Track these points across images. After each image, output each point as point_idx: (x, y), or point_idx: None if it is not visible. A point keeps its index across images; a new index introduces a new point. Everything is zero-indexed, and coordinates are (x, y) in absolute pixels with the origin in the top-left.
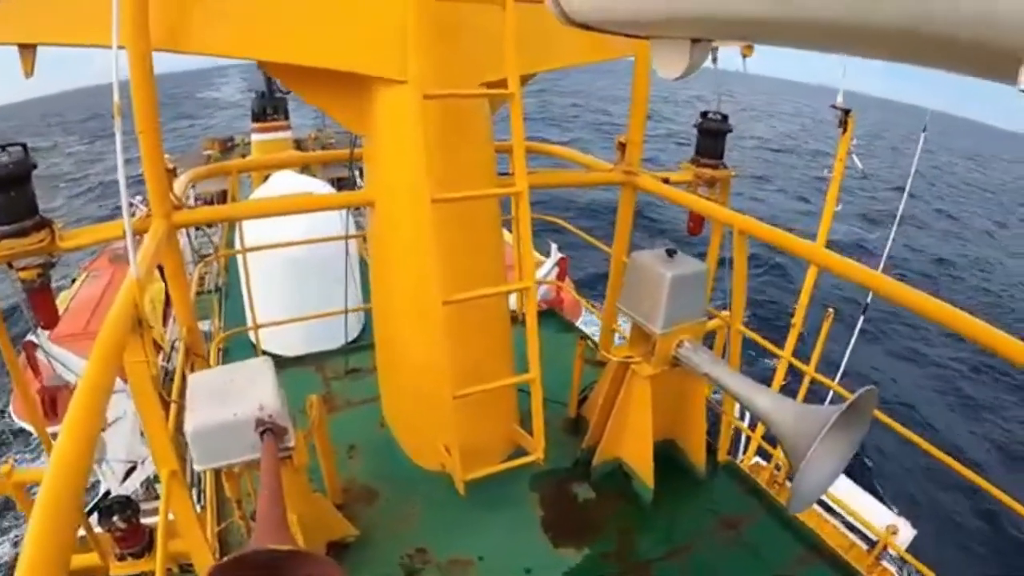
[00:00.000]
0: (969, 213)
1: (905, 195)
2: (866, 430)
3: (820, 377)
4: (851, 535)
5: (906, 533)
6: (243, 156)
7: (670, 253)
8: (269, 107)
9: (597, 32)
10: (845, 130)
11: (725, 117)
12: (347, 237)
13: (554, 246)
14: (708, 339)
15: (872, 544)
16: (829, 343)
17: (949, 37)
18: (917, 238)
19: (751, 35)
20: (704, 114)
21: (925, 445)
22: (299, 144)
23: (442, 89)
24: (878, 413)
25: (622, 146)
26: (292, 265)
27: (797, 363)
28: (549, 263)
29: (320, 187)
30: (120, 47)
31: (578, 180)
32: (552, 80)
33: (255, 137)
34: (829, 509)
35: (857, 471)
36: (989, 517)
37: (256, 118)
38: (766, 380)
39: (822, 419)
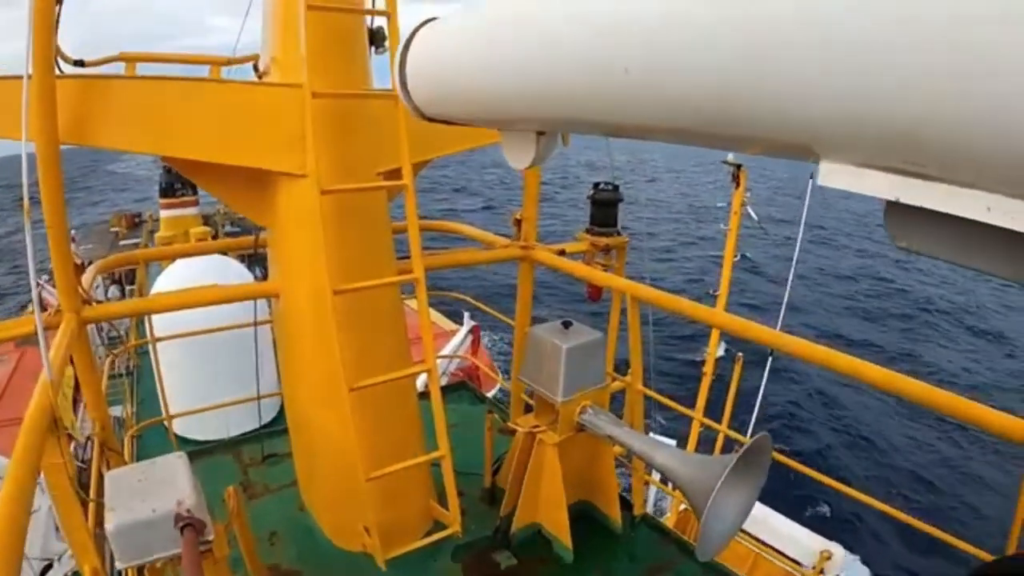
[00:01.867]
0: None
1: (798, 244)
2: (765, 473)
3: (724, 429)
4: (787, 566)
5: (841, 557)
6: (151, 232)
7: (566, 325)
8: (177, 182)
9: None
10: (738, 185)
11: (616, 187)
12: (256, 324)
13: (467, 315)
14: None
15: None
16: (755, 381)
17: (752, 137)
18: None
19: (585, 131)
20: (596, 185)
21: (828, 481)
22: (208, 220)
23: (340, 183)
24: (778, 456)
25: (518, 222)
26: (204, 347)
27: (707, 421)
28: (462, 332)
29: (230, 266)
30: (28, 141)
31: (476, 258)
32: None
33: (163, 213)
34: (764, 543)
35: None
36: (910, 541)
37: (164, 193)
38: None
39: (718, 470)
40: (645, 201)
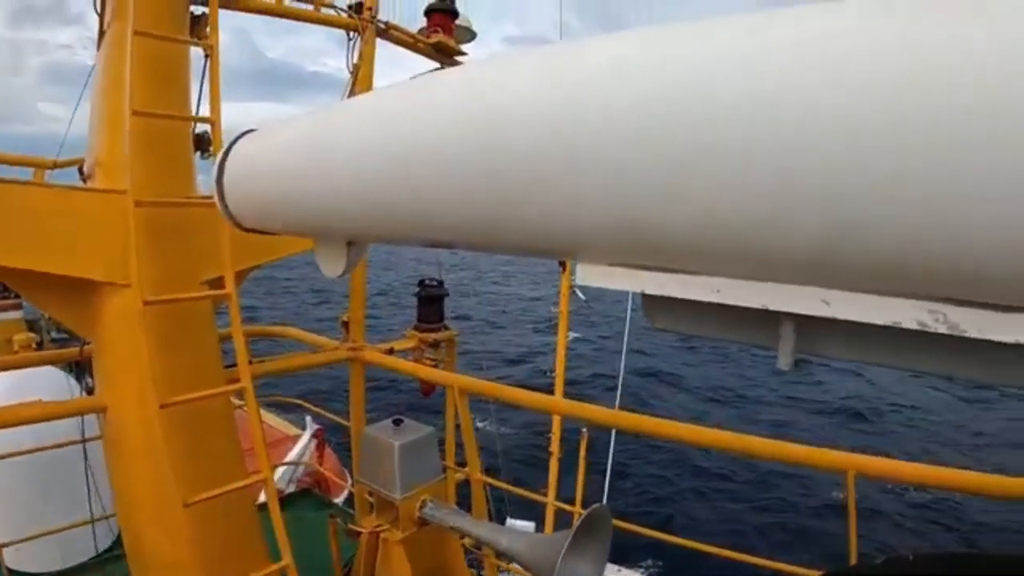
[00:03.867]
0: None
1: (627, 321)
2: (608, 541)
3: (577, 509)
4: None
5: None
6: None
7: (396, 422)
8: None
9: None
10: (564, 268)
11: (441, 283)
12: (84, 441)
13: (308, 418)
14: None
15: None
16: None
17: (520, 246)
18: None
19: (389, 243)
20: (421, 282)
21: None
22: (32, 325)
23: (164, 292)
24: (621, 523)
25: (345, 324)
26: (33, 468)
27: (553, 503)
28: (305, 436)
29: (50, 377)
30: None
31: (305, 362)
32: None
33: None
34: None
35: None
36: None
37: None
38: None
39: (557, 546)
40: (477, 292)
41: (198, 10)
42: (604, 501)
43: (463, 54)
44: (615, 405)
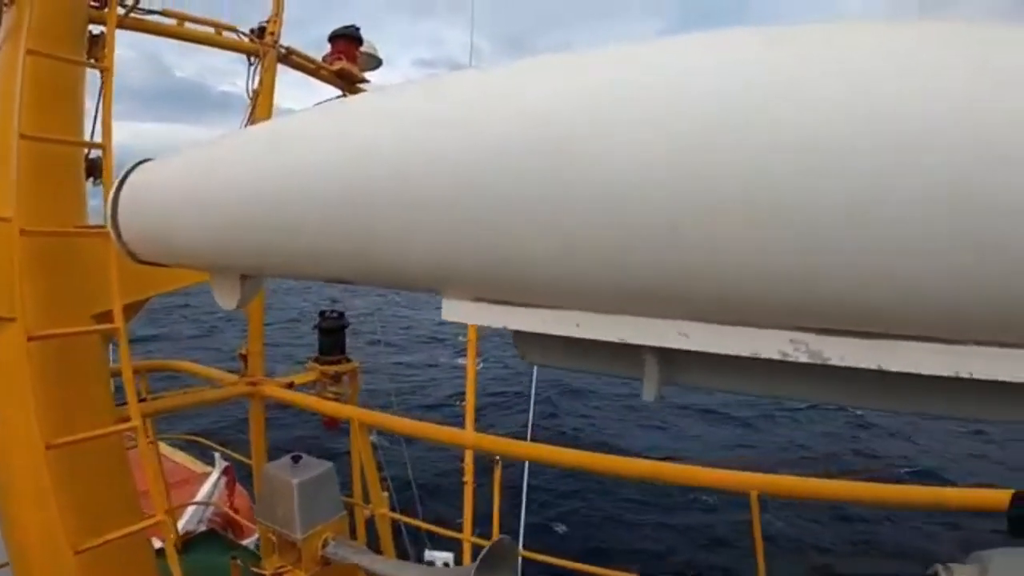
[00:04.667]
0: None
1: None
2: (515, 573)
3: (478, 541)
4: None
5: None
6: None
7: (295, 459)
8: None
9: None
10: None
11: (341, 314)
12: None
13: (217, 455)
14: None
15: None
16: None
17: (390, 280)
18: None
19: (273, 276)
20: (322, 313)
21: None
22: None
23: (51, 327)
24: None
25: (244, 357)
26: None
27: (460, 536)
28: (214, 475)
29: None
30: None
31: (202, 399)
32: None
33: None
34: None
35: None
36: None
37: None
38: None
39: None
40: (388, 318)
41: (97, 29)
42: (521, 528)
43: (366, 81)
44: (529, 424)
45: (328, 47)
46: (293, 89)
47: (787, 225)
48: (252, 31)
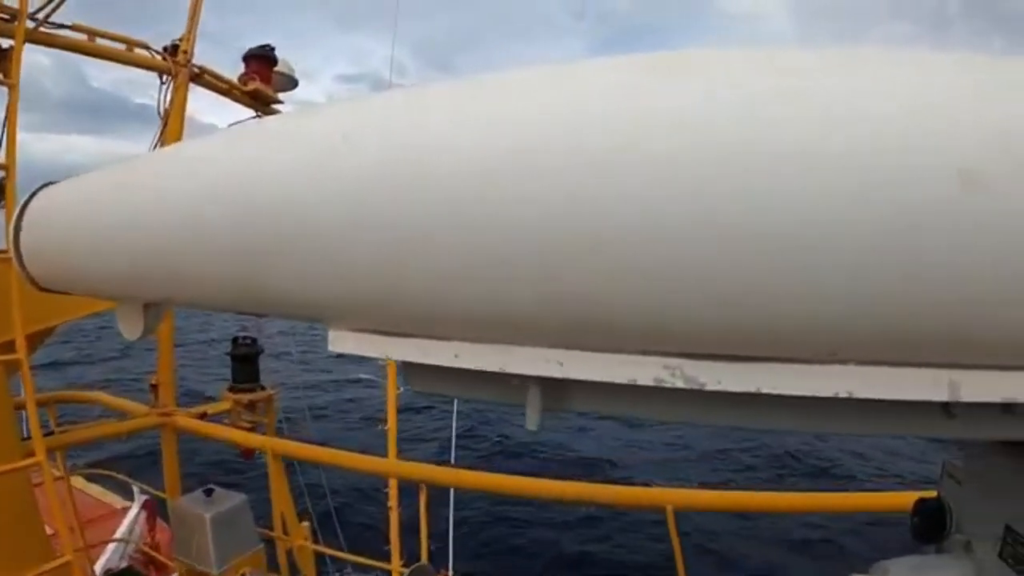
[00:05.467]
0: None
1: None
2: None
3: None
4: None
5: None
6: None
7: (208, 492)
8: None
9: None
10: None
11: (255, 340)
12: None
13: (136, 489)
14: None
15: None
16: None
17: (279, 310)
18: None
19: (173, 306)
20: (235, 340)
21: None
22: None
23: None
24: None
25: (154, 387)
26: None
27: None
28: (134, 510)
29: None
30: None
31: (112, 431)
32: None
33: None
34: None
35: None
36: None
37: None
38: None
39: None
40: (299, 338)
41: (5, 43)
42: (451, 551)
43: (279, 102)
44: (452, 446)
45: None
46: (217, 106)
47: (653, 253)
48: (165, 48)
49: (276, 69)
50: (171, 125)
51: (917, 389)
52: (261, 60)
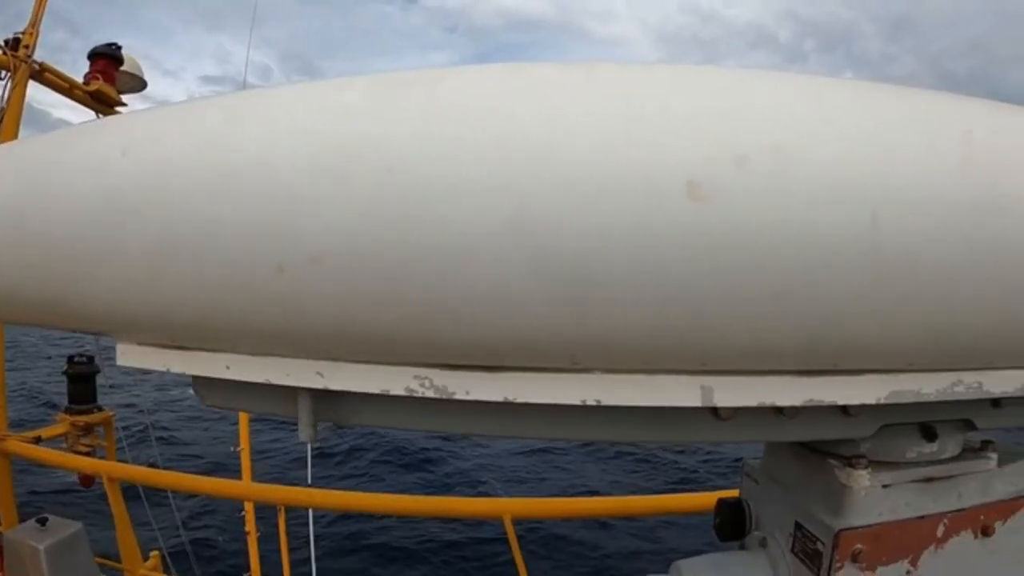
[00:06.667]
0: None
1: None
2: None
3: None
4: None
5: None
6: None
7: (41, 522)
8: None
9: None
10: None
11: (91, 359)
12: None
13: None
14: None
15: None
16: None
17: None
18: None
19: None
20: (71, 359)
21: None
22: None
23: None
24: None
25: None
26: None
27: None
28: None
29: None
30: None
31: None
32: None
33: None
34: None
35: None
36: None
37: None
38: None
39: None
40: None
41: None
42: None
43: (122, 104)
44: (308, 464)
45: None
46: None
47: (386, 267)
48: (7, 42)
49: (122, 69)
50: (7, 123)
51: (670, 396)
52: (106, 59)
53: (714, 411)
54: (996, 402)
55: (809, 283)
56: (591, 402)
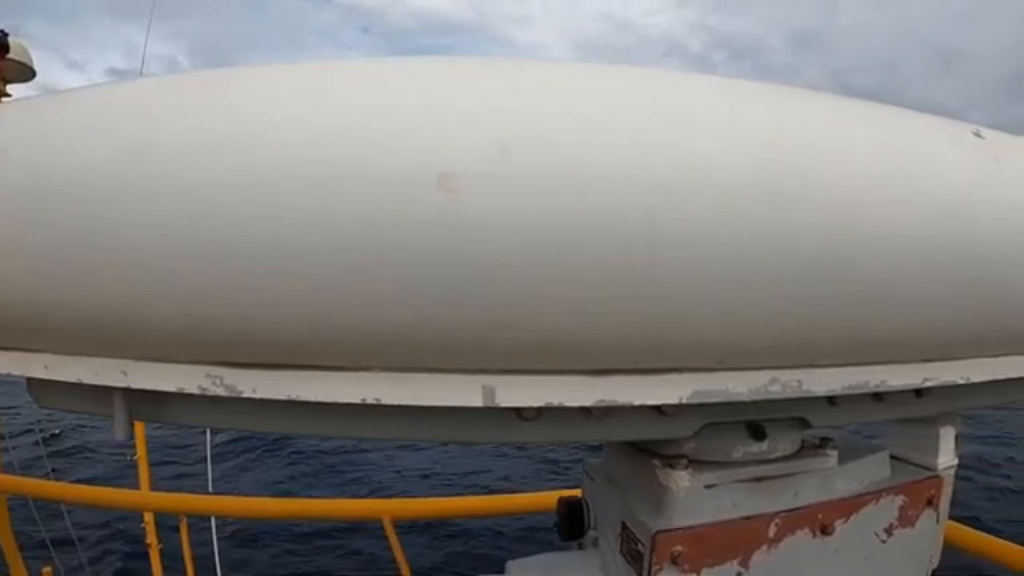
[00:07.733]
0: None
1: None
2: None
3: None
4: None
5: None
6: None
7: None
8: None
9: None
10: None
11: None
12: None
13: None
14: None
15: None
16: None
17: None
18: None
19: None
20: None
21: None
22: None
23: None
24: None
25: None
26: None
27: None
28: None
29: None
30: None
31: None
32: None
33: None
34: None
35: None
36: None
37: None
38: None
39: None
40: None
41: None
42: None
43: (7, 95)
44: (208, 472)
45: None
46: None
47: (175, 261)
48: None
49: (9, 56)
50: None
51: (451, 395)
52: None
53: (517, 411)
54: (832, 400)
55: (582, 279)
56: (371, 400)
